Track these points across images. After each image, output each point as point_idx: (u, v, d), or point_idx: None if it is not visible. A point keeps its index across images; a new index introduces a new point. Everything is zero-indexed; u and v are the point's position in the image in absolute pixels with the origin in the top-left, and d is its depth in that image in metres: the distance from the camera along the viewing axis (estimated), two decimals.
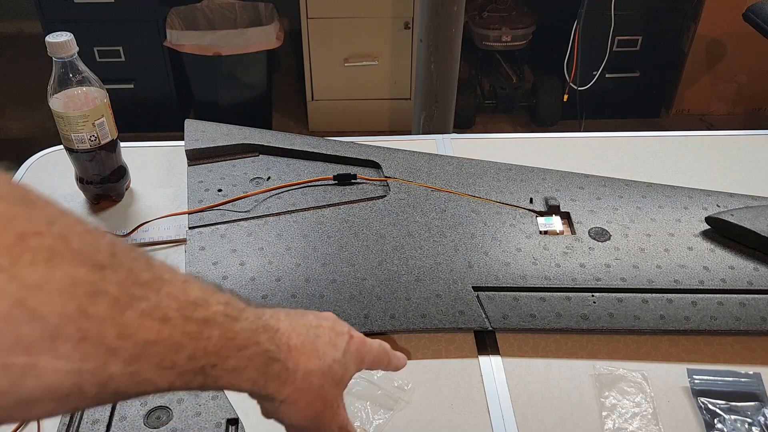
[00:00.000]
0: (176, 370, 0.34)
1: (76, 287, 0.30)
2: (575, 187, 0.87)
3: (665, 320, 0.70)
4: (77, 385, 0.31)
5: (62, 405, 0.31)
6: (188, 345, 0.35)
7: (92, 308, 0.30)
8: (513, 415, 0.63)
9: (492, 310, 0.70)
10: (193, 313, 0.35)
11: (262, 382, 0.40)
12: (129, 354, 0.32)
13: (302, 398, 0.43)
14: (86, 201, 0.86)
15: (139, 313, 0.32)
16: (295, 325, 0.43)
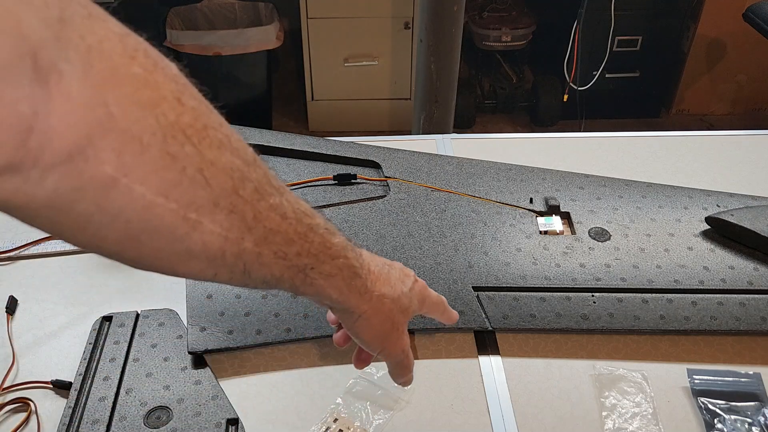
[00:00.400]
0: (287, 262, 0.42)
1: (233, 171, 0.37)
2: (575, 187, 0.87)
3: (665, 320, 0.70)
4: (222, 249, 0.38)
5: (209, 266, 0.39)
6: (297, 242, 0.42)
7: (241, 190, 0.38)
8: (513, 415, 0.63)
9: (492, 310, 0.70)
10: (303, 219, 0.42)
11: (346, 293, 0.46)
12: (258, 235, 0.39)
13: (375, 316, 0.49)
14: None
15: (268, 206, 0.40)
16: (372, 257, 0.51)
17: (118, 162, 0.32)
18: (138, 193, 0.33)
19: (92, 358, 0.66)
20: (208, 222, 0.36)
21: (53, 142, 0.30)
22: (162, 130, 0.33)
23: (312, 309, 0.70)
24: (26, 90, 0.28)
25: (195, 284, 0.73)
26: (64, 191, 0.32)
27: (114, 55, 0.32)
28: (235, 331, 0.68)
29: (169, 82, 0.35)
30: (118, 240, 0.35)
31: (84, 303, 0.73)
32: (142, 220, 0.34)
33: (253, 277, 0.41)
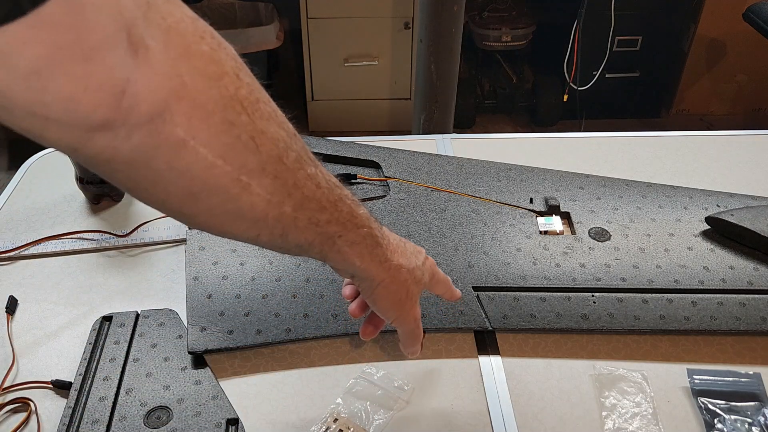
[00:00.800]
0: (318, 228, 0.46)
1: (279, 141, 0.42)
2: (575, 187, 0.87)
3: (665, 320, 0.70)
4: (265, 211, 0.42)
5: (253, 226, 0.43)
6: (328, 209, 0.46)
7: (285, 158, 0.42)
8: (513, 415, 0.63)
9: (492, 310, 0.70)
10: (334, 189, 0.46)
11: (368, 261, 0.50)
12: (296, 201, 0.43)
13: (393, 284, 0.53)
14: (86, 201, 0.86)
15: (306, 175, 0.44)
16: (390, 232, 0.55)
17: (187, 125, 0.37)
18: (201, 154, 0.38)
19: (92, 358, 0.66)
20: (255, 185, 0.41)
21: (139, 105, 0.35)
22: (223, 100, 0.38)
23: (312, 309, 0.70)
24: (122, 59, 0.33)
25: (195, 284, 0.73)
26: (143, 149, 0.36)
27: (187, 34, 0.37)
28: (235, 331, 0.68)
29: (230, 59, 0.40)
30: (180, 196, 0.40)
31: (84, 303, 0.73)
32: (202, 179, 0.39)
33: (289, 241, 0.45)
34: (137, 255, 0.80)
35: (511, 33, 2.32)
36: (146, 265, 0.78)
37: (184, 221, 0.43)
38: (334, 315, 0.70)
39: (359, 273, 0.51)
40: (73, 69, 0.32)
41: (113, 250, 0.80)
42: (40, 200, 0.88)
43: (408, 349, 0.60)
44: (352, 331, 0.68)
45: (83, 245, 0.80)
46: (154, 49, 0.35)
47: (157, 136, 0.36)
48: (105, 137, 0.35)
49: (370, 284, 0.53)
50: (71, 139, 0.35)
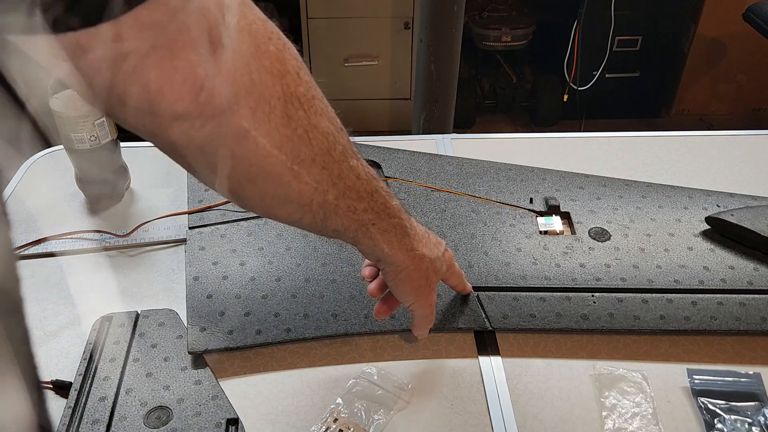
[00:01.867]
0: (355, 216, 0.50)
1: (329, 135, 0.46)
2: (575, 187, 0.87)
3: (665, 320, 0.70)
4: (311, 198, 0.46)
5: (298, 210, 0.47)
6: (365, 199, 0.50)
7: (332, 151, 0.46)
8: (513, 415, 0.63)
9: (492, 310, 0.70)
10: (371, 181, 0.51)
11: (396, 248, 0.55)
12: (339, 190, 0.48)
13: (415, 272, 0.57)
14: (86, 201, 0.86)
15: (349, 167, 0.48)
16: (416, 223, 0.58)
17: (252, 118, 0.41)
18: (261, 144, 0.42)
19: (92, 358, 0.66)
20: (305, 174, 0.45)
21: (214, 99, 0.38)
22: (285, 96, 0.42)
23: (312, 309, 0.70)
24: (203, 57, 0.37)
25: (195, 284, 0.73)
26: (213, 137, 0.40)
27: (258, 35, 0.41)
28: (235, 331, 0.68)
29: (293, 59, 0.44)
30: (239, 180, 0.44)
31: (84, 303, 0.73)
32: (260, 166, 0.43)
33: (327, 225, 0.49)
34: (137, 255, 0.80)
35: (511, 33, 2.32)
36: (146, 265, 0.78)
37: (238, 202, 0.47)
38: (334, 315, 0.70)
39: (386, 258, 0.55)
40: (163, 65, 0.36)
41: (113, 250, 0.80)
42: (40, 200, 0.88)
43: (418, 331, 0.65)
44: (352, 331, 0.68)
45: (83, 245, 0.80)
46: (228, 48, 0.38)
47: (226, 127, 0.40)
48: (182, 126, 0.39)
49: (395, 269, 0.57)
50: (153, 126, 0.39)
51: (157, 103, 0.37)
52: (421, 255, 0.57)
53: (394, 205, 0.53)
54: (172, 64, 0.36)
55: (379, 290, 0.62)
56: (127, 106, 0.37)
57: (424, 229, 0.59)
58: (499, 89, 2.47)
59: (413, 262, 0.57)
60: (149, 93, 0.36)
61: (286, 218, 0.49)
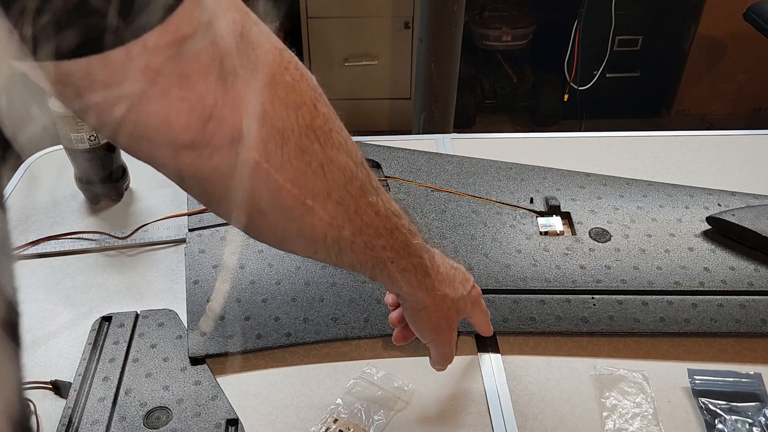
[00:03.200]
0: (373, 253, 0.48)
1: (346, 170, 0.44)
2: (576, 186, 0.86)
3: (665, 323, 0.70)
4: (325, 233, 0.45)
5: (311, 245, 0.46)
6: (384, 236, 0.48)
7: (350, 186, 0.45)
8: (513, 415, 0.63)
9: (492, 313, 0.70)
10: (392, 218, 0.49)
11: (416, 288, 0.53)
12: (356, 227, 0.46)
13: (435, 312, 0.55)
14: (86, 201, 0.86)
15: (367, 203, 0.46)
16: (443, 259, 0.56)
17: (264, 150, 0.39)
18: (273, 176, 0.40)
19: (92, 359, 0.66)
20: (319, 209, 0.43)
21: (223, 129, 0.37)
22: (299, 128, 0.41)
23: (312, 313, 0.70)
24: (212, 86, 0.36)
25: (195, 288, 0.73)
26: (222, 168, 0.39)
27: (273, 64, 0.40)
28: (236, 335, 0.68)
29: (310, 90, 0.42)
30: (249, 211, 0.42)
31: (83, 303, 0.73)
32: (271, 199, 0.42)
33: (343, 260, 0.48)
34: (137, 255, 0.80)
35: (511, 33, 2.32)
36: (146, 266, 0.78)
37: (248, 233, 0.46)
38: (334, 319, 0.70)
39: (405, 296, 0.54)
40: (170, 94, 0.35)
41: (113, 251, 0.80)
42: (40, 200, 0.87)
43: (436, 367, 0.63)
44: (352, 335, 0.68)
45: (83, 245, 0.80)
46: (242, 77, 0.37)
47: (235, 158, 0.39)
48: (190, 156, 0.38)
49: (414, 307, 0.55)
50: (159, 155, 0.38)
51: (164, 132, 0.36)
52: (443, 296, 0.55)
53: (415, 243, 0.51)
54: (179, 93, 0.35)
55: (399, 321, 0.60)
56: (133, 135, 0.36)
57: (450, 265, 0.57)
58: (500, 89, 2.47)
59: (433, 303, 0.55)
60: (156, 121, 0.35)
61: (299, 252, 0.48)
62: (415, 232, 0.52)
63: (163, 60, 0.33)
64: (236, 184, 0.40)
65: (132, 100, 0.34)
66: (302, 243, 0.46)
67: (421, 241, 0.53)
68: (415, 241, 0.51)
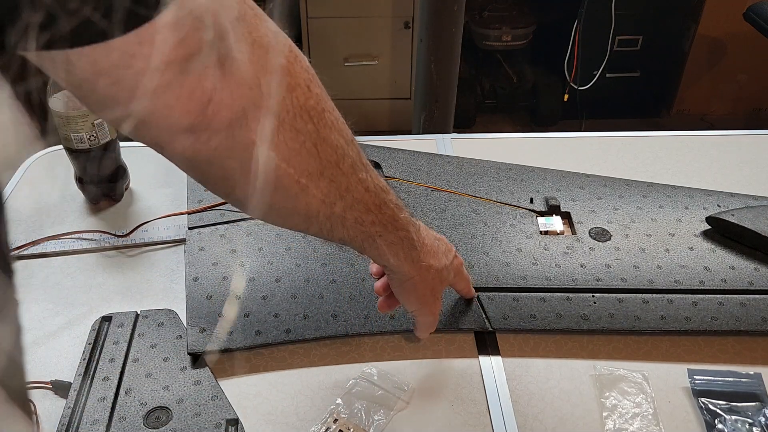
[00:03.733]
0: (362, 228, 0.50)
1: (338, 148, 0.46)
2: (576, 186, 0.86)
3: (666, 321, 0.70)
4: (318, 210, 0.46)
5: (305, 221, 0.47)
6: (374, 211, 0.50)
7: (341, 164, 0.46)
8: (513, 415, 0.63)
9: (492, 311, 0.70)
10: (380, 194, 0.50)
11: (402, 260, 0.55)
12: (346, 203, 0.47)
13: (421, 282, 0.58)
14: (86, 201, 0.86)
15: (357, 179, 0.48)
16: (427, 231, 0.59)
17: (260, 131, 0.40)
18: (270, 157, 0.42)
19: (91, 359, 0.66)
20: (313, 187, 0.45)
21: (222, 112, 0.38)
22: (294, 109, 0.42)
23: (311, 310, 0.70)
24: (210, 70, 0.37)
25: (194, 285, 0.73)
26: (221, 150, 0.40)
27: (269, 48, 0.41)
28: (235, 332, 0.68)
29: (304, 72, 0.43)
30: (247, 192, 0.43)
31: (83, 303, 0.73)
32: (268, 179, 0.43)
33: (334, 235, 0.50)
34: (137, 255, 0.80)
35: (511, 33, 2.32)
36: (146, 265, 0.78)
37: (245, 211, 0.48)
38: (333, 315, 0.70)
39: (392, 268, 0.56)
40: (171, 80, 0.35)
41: (113, 250, 0.80)
42: (40, 200, 0.87)
43: (420, 334, 0.66)
44: (352, 331, 0.68)
45: (83, 245, 0.80)
46: (239, 61, 0.38)
47: (233, 140, 0.40)
48: (189, 139, 0.39)
49: (400, 279, 0.57)
50: (159, 138, 0.39)
51: (165, 117, 0.37)
52: (428, 266, 0.58)
53: (402, 217, 0.53)
54: (180, 79, 0.36)
55: (384, 289, 0.62)
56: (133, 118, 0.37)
57: (434, 236, 0.60)
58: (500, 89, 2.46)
59: (419, 273, 0.57)
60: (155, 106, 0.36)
61: (293, 228, 0.50)
62: (401, 206, 0.54)
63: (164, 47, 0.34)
64: (234, 165, 0.41)
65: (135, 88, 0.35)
66: (297, 219, 0.47)
67: (408, 215, 0.55)
68: (401, 215, 0.53)
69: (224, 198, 0.47)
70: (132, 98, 0.35)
